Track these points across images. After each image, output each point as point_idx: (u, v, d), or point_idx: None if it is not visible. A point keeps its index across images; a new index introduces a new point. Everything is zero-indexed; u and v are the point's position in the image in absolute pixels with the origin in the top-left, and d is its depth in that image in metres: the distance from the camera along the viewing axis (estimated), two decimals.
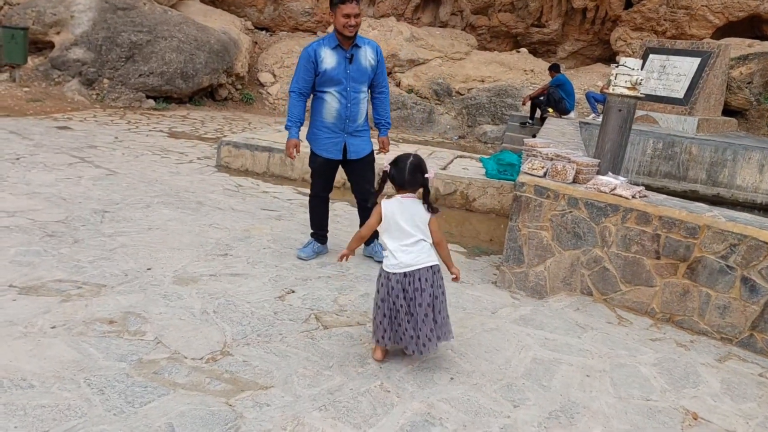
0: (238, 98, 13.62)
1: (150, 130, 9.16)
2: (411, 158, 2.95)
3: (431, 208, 2.94)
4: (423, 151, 8.10)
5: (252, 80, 14.41)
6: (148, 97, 11.41)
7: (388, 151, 4.30)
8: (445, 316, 2.96)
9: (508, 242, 4.21)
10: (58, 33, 11.33)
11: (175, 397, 2.48)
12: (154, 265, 3.86)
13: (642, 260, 3.83)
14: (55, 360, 2.64)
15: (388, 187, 3.03)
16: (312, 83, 4.09)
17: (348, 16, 3.87)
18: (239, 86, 13.70)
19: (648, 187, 4.33)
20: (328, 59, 4.01)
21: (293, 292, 3.72)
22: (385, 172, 2.98)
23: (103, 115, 9.85)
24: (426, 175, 2.94)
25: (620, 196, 3.88)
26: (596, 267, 3.97)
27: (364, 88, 4.20)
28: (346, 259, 3.13)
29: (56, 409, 2.31)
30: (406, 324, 2.85)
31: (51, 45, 11.37)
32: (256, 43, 15.44)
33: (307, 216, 4.48)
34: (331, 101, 4.11)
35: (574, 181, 4.09)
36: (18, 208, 4.65)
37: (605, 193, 3.92)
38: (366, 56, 4.12)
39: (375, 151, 4.39)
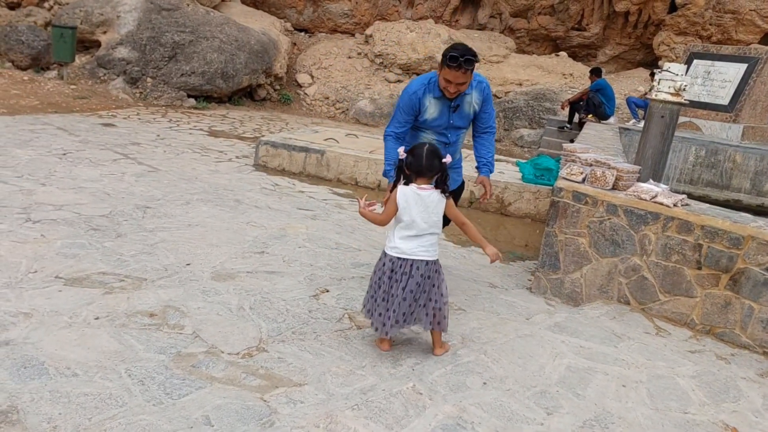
0: (276, 99, 13.80)
1: (191, 129, 9.35)
2: (427, 145, 2.94)
3: (445, 192, 2.95)
4: None
5: (290, 81, 14.58)
6: (189, 96, 11.65)
7: (491, 195, 3.92)
8: (427, 305, 2.95)
9: (544, 248, 4.17)
10: (104, 32, 11.67)
11: (212, 390, 2.53)
12: (193, 260, 3.95)
13: (682, 270, 3.75)
14: (97, 350, 2.72)
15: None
16: (410, 125, 3.74)
17: (449, 82, 3.45)
18: (278, 87, 13.87)
19: (689, 196, 4.23)
20: (431, 109, 3.64)
21: (327, 291, 3.75)
22: (400, 160, 2.96)
23: (146, 113, 10.10)
24: (444, 161, 2.92)
25: (661, 204, 3.80)
26: (634, 275, 3.90)
27: (465, 129, 3.87)
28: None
29: (98, 398, 2.38)
30: (381, 301, 2.93)
31: (98, 44, 11.72)
32: (294, 44, 15.62)
33: (342, 216, 4.51)
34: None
35: (614, 187, 4.03)
36: (65, 201, 4.80)
37: (646, 200, 3.85)
38: (471, 103, 3.72)
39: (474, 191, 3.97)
